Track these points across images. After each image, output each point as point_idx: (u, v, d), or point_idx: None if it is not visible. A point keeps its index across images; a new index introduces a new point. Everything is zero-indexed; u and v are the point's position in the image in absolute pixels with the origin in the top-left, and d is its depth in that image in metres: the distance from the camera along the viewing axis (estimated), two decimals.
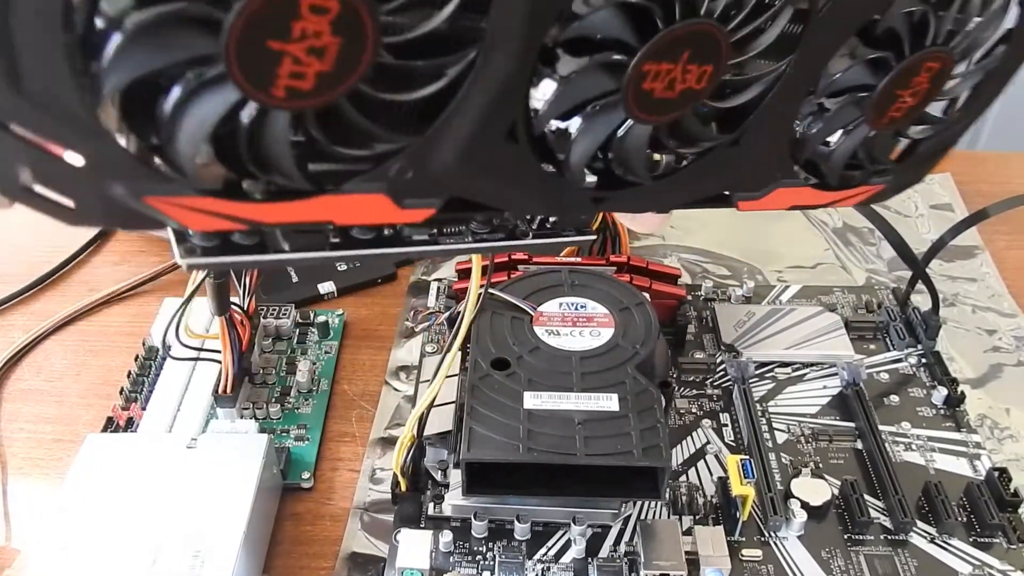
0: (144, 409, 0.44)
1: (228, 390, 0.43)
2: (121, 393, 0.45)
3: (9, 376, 0.48)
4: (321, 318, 0.50)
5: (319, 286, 0.53)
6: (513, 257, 0.47)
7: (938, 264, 0.55)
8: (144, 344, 0.48)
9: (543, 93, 0.22)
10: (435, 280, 0.53)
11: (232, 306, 0.44)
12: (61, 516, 0.36)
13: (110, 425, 0.44)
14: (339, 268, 0.54)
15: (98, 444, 0.40)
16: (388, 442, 0.44)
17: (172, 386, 0.45)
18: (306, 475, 0.42)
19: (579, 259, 0.48)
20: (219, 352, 0.44)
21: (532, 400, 0.37)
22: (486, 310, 0.43)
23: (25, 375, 0.48)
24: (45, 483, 0.42)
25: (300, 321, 0.50)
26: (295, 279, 0.53)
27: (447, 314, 0.46)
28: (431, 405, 0.38)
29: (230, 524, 0.36)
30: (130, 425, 0.44)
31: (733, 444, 0.43)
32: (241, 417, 0.44)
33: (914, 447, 0.43)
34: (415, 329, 0.49)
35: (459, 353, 0.46)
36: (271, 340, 0.49)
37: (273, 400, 0.45)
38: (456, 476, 0.39)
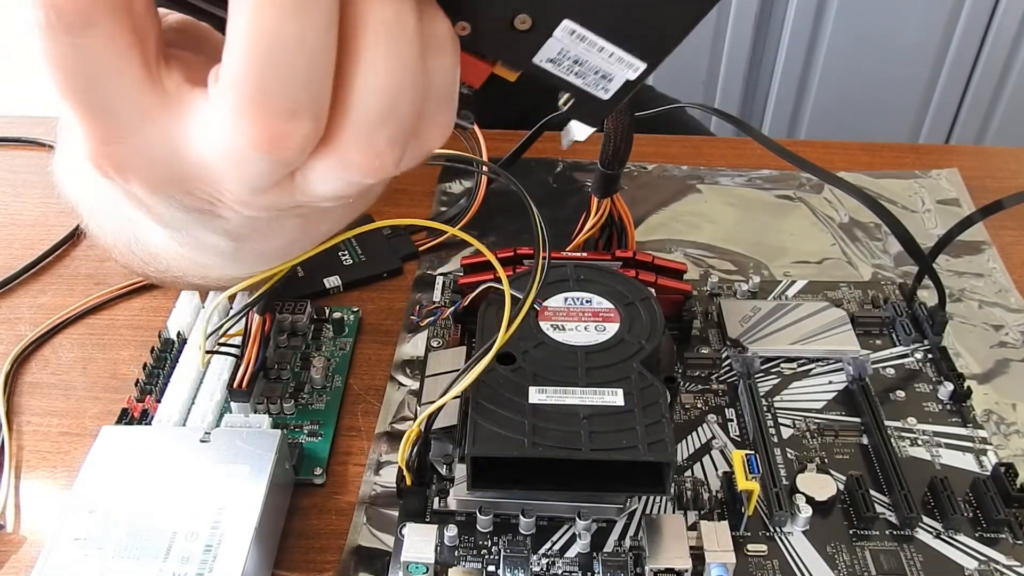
0: (159, 402, 0.44)
1: (244, 385, 0.43)
2: (136, 385, 0.46)
3: (17, 370, 0.48)
4: (336, 315, 0.50)
5: (325, 280, 0.53)
6: (519, 252, 0.47)
7: (945, 259, 0.55)
8: (160, 336, 0.48)
9: None
10: (440, 275, 0.54)
11: None
12: (75, 507, 0.37)
13: (124, 417, 0.44)
14: (345, 263, 0.54)
15: (113, 436, 0.40)
16: (393, 436, 0.44)
17: (187, 379, 0.45)
18: (318, 471, 0.42)
19: (585, 254, 0.48)
20: (235, 347, 0.44)
21: (537, 395, 0.37)
22: (491, 305, 0.43)
23: (33, 369, 0.49)
24: (51, 476, 0.43)
25: (315, 317, 0.50)
26: (301, 273, 0.53)
27: (451, 309, 0.46)
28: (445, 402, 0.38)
29: (242, 518, 0.36)
30: (144, 417, 0.44)
31: (738, 439, 0.43)
32: (255, 412, 0.44)
33: (920, 442, 0.43)
34: (419, 324, 0.49)
35: (464, 348, 0.46)
36: (286, 336, 0.49)
37: (287, 396, 0.45)
38: (461, 470, 0.39)
